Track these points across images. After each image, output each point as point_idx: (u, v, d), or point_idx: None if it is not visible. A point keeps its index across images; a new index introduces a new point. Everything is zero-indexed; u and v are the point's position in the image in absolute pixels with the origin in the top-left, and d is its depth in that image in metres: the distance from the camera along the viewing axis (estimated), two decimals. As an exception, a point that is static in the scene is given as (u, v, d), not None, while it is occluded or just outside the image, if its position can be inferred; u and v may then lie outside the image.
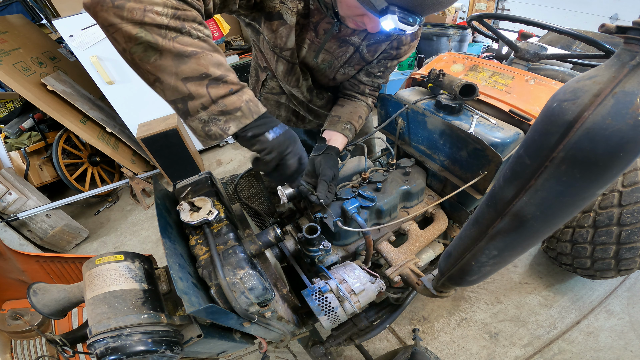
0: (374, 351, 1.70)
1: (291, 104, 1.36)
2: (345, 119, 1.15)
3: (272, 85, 1.32)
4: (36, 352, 1.30)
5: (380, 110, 1.38)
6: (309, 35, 1.02)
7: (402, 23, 0.72)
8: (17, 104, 2.90)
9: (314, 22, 0.99)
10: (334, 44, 1.04)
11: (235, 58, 3.41)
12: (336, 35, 1.02)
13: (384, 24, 0.74)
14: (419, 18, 0.73)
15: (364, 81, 1.20)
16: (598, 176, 0.42)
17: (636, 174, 1.31)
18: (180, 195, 0.87)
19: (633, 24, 0.37)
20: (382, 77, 1.20)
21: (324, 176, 1.00)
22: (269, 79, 1.30)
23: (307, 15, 0.97)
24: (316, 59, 1.07)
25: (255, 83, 1.37)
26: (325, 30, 1.00)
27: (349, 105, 1.20)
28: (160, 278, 0.74)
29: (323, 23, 0.99)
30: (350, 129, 1.15)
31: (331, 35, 0.99)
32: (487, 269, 0.68)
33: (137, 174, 2.89)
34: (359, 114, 1.19)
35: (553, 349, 1.64)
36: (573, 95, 0.41)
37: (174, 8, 0.58)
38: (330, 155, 1.06)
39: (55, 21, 2.35)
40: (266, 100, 1.41)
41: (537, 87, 1.10)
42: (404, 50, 1.10)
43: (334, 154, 1.08)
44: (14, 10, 4.16)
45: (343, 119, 1.15)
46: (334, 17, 0.91)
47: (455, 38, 3.83)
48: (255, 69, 1.33)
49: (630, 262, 1.40)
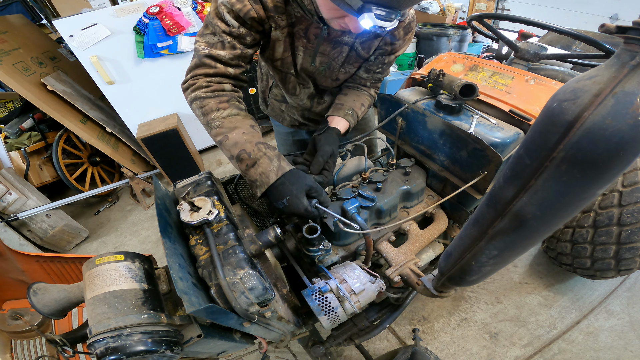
0: (374, 351, 1.70)
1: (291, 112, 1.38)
2: (349, 105, 1.16)
3: (276, 93, 1.35)
4: (36, 352, 1.30)
5: (381, 110, 1.38)
6: (301, 42, 1.03)
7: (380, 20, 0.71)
8: (17, 104, 2.90)
9: (303, 29, 0.99)
10: (328, 46, 1.05)
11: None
12: (328, 38, 1.02)
13: (362, 23, 0.73)
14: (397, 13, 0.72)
15: (365, 77, 1.21)
16: (598, 176, 0.41)
17: (636, 174, 1.31)
18: (180, 195, 0.87)
19: (633, 24, 0.37)
20: (382, 72, 1.21)
21: (320, 152, 1.00)
22: (274, 87, 1.33)
23: (294, 24, 0.98)
24: (314, 63, 1.08)
25: (265, 87, 1.40)
26: (315, 35, 1.00)
27: (352, 93, 1.20)
28: (160, 278, 0.74)
29: (312, 28, 0.99)
30: (353, 115, 1.16)
31: (322, 39, 0.99)
32: (487, 269, 0.68)
33: (137, 174, 2.89)
34: (362, 102, 1.20)
35: (553, 349, 1.64)
36: (573, 95, 0.41)
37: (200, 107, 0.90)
38: (330, 134, 1.07)
39: (55, 21, 2.35)
40: (272, 105, 1.43)
41: (537, 87, 1.10)
42: (399, 45, 1.10)
43: (334, 134, 1.08)
44: (14, 10, 4.17)
45: (346, 106, 1.16)
46: (320, 22, 0.91)
47: (455, 38, 3.83)
48: (265, 74, 1.35)
49: (630, 262, 1.40)
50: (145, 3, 2.49)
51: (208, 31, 0.89)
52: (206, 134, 3.38)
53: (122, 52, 2.57)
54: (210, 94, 0.90)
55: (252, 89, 3.59)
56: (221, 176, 1.21)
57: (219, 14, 0.86)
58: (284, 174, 0.84)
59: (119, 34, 2.50)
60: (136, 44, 2.56)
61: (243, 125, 0.89)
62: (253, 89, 3.59)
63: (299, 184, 0.83)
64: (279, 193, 0.83)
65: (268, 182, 0.83)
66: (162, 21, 2.52)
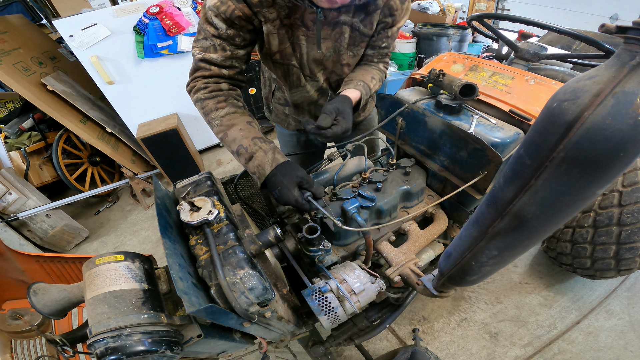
0: (374, 351, 1.70)
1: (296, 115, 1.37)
2: (357, 79, 1.13)
3: (279, 96, 1.35)
4: (36, 352, 1.30)
5: (381, 110, 1.38)
6: (301, 31, 1.03)
7: None
8: (17, 104, 2.90)
9: (298, 18, 1.00)
10: (328, 29, 1.05)
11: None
12: (325, 21, 1.02)
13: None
14: None
15: (371, 54, 1.19)
16: (598, 176, 0.41)
17: (636, 174, 1.31)
18: (180, 195, 0.87)
19: (633, 24, 0.37)
20: (388, 47, 1.19)
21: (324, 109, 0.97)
22: (277, 90, 1.33)
23: (289, 15, 0.98)
24: (320, 49, 1.08)
25: (268, 92, 1.40)
26: (313, 21, 1.01)
27: (359, 69, 1.18)
28: (160, 278, 0.74)
29: (307, 14, 1.00)
30: (364, 85, 1.12)
31: (320, 22, 1.00)
32: (487, 269, 0.68)
33: (137, 174, 2.89)
34: (372, 75, 1.17)
35: (553, 349, 1.64)
36: (573, 95, 0.41)
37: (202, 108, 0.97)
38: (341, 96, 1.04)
39: (55, 21, 2.35)
40: (276, 111, 1.43)
41: (537, 87, 1.10)
42: (399, 15, 1.09)
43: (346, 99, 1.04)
44: (14, 10, 4.16)
45: (355, 80, 1.13)
46: (311, 5, 0.92)
47: (455, 38, 3.84)
48: (268, 79, 1.35)
49: (630, 262, 1.40)
50: (145, 3, 2.49)
51: (201, 36, 0.94)
52: (206, 133, 3.41)
53: (122, 52, 2.57)
54: (208, 95, 0.96)
55: (252, 89, 3.59)
56: (221, 176, 1.21)
57: (207, 18, 0.91)
58: (277, 166, 0.88)
59: (119, 34, 2.50)
60: (136, 44, 2.56)
61: (240, 122, 0.94)
62: (253, 89, 3.59)
63: (290, 176, 0.87)
64: (273, 184, 0.88)
65: (264, 174, 0.88)
66: (162, 21, 2.52)
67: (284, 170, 0.88)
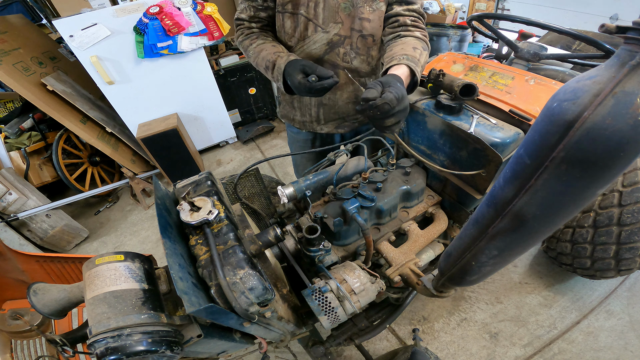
0: (374, 351, 1.70)
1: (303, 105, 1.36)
2: (399, 54, 1.02)
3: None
4: (36, 352, 1.30)
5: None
6: None
7: None
8: (17, 104, 2.91)
9: None
10: None
11: (235, 58, 3.42)
12: None
13: None
14: None
15: (399, 12, 1.13)
16: (598, 176, 0.42)
17: (636, 174, 1.31)
18: (180, 195, 0.87)
19: (633, 24, 0.37)
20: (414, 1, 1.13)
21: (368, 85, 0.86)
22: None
23: None
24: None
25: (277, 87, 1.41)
26: None
27: (396, 45, 1.09)
28: (160, 278, 0.74)
29: None
30: (408, 57, 1.00)
31: None
32: (487, 269, 0.68)
33: (137, 174, 2.89)
34: (413, 45, 1.06)
35: (553, 349, 1.64)
36: (573, 95, 0.41)
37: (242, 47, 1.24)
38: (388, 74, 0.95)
39: (55, 21, 2.35)
40: (284, 102, 1.44)
41: (537, 87, 1.10)
42: None
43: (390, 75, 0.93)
44: (14, 10, 4.17)
45: (396, 55, 1.02)
46: None
47: (455, 38, 3.83)
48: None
49: (630, 262, 1.40)
50: (145, 3, 2.49)
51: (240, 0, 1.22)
52: (206, 133, 3.41)
53: (122, 52, 2.57)
54: (244, 38, 1.22)
55: (252, 89, 3.59)
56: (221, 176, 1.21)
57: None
58: (287, 62, 1.05)
59: (119, 34, 2.50)
60: (136, 44, 2.56)
61: (267, 47, 1.15)
62: (253, 89, 3.59)
63: (294, 66, 1.03)
64: (286, 77, 1.06)
65: (281, 71, 1.07)
66: (162, 21, 2.52)
67: (291, 63, 1.04)
